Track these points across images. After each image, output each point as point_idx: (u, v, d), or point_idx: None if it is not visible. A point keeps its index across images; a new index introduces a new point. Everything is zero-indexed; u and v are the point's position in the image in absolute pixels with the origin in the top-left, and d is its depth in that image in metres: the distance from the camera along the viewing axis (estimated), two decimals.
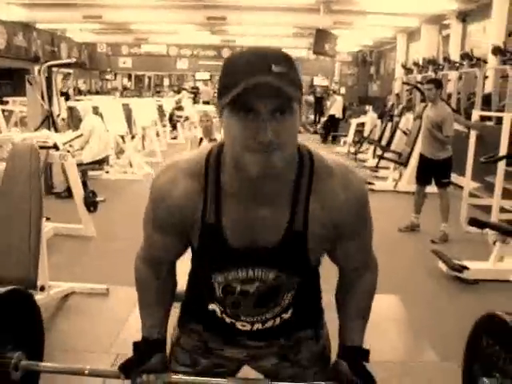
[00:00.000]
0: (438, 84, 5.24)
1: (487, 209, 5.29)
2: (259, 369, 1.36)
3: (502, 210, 5.06)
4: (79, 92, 18.46)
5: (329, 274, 1.36)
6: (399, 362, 2.93)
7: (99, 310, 3.42)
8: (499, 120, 6.30)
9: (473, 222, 4.12)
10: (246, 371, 1.40)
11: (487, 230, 4.42)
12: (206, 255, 1.15)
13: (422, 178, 5.40)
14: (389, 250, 4.85)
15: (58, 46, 19.53)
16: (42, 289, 3.14)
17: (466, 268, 4.05)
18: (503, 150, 4.84)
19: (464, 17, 12.51)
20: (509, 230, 3.94)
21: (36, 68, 10.78)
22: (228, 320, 1.25)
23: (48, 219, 3.18)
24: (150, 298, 1.27)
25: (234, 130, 0.97)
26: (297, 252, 1.11)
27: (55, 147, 4.06)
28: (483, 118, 7.52)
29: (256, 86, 0.91)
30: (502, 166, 4.94)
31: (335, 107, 14.54)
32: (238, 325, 1.25)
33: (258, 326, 1.25)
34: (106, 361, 2.76)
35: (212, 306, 1.25)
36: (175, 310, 1.40)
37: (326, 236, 1.12)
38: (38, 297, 3.11)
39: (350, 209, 1.11)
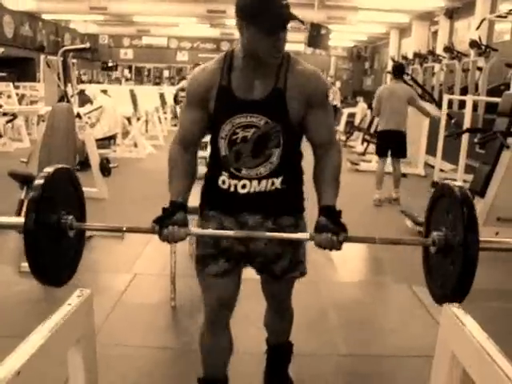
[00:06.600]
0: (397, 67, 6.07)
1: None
2: (255, 245, 1.76)
3: (466, 181, 5.74)
4: (81, 82, 19.03)
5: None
6: (362, 281, 3.72)
7: (118, 247, 4.11)
8: (475, 107, 7.04)
9: (434, 184, 4.83)
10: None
11: None
12: (220, 110, 1.67)
13: (381, 150, 6.05)
14: (366, 214, 5.56)
15: (62, 36, 20.15)
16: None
17: None
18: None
19: (451, 14, 13.23)
20: None
21: (42, 57, 11.45)
22: (233, 185, 1.70)
23: (78, 170, 3.83)
24: (177, 172, 1.72)
25: (257, 42, 1.54)
26: (279, 103, 1.64)
27: (78, 116, 4.74)
28: (461, 106, 8.22)
29: (280, 14, 1.50)
30: (464, 144, 5.65)
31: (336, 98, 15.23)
32: (239, 187, 1.70)
33: (255, 184, 1.69)
34: (127, 278, 3.46)
35: (221, 178, 1.72)
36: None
37: (298, 99, 1.64)
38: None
39: (317, 85, 1.67)
